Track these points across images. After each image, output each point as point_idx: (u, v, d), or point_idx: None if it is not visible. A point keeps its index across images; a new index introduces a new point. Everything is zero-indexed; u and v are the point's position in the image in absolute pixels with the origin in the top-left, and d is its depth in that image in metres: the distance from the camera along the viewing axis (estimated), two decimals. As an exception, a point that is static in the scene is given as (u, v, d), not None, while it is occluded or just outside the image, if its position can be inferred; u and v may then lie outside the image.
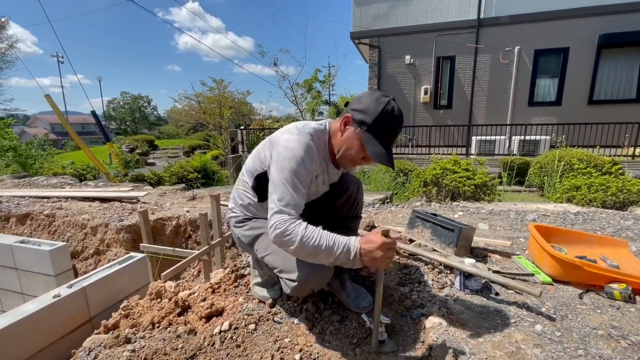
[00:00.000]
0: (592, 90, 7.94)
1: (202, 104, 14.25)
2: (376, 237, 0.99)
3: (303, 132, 1.16)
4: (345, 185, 1.45)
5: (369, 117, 1.09)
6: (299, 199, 1.09)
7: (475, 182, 3.44)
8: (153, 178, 5.66)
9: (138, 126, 51.07)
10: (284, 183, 1.08)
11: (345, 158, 1.20)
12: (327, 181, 1.33)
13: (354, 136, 1.13)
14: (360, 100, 1.13)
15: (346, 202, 1.46)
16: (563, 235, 1.86)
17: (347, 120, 1.14)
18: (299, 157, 1.09)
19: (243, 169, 1.37)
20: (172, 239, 3.20)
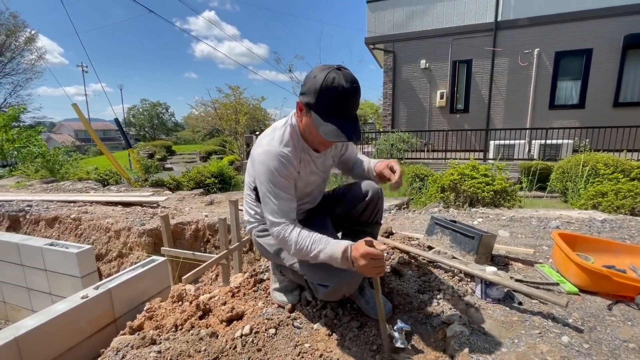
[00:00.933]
0: (618, 92, 7.64)
1: (218, 110, 14.56)
2: (360, 245, 1.02)
3: (272, 140, 1.18)
4: (365, 192, 1.44)
5: (312, 98, 1.06)
6: (285, 205, 1.17)
7: (495, 188, 3.37)
8: (172, 183, 5.81)
9: (156, 132, 52.58)
10: (267, 196, 1.17)
11: (313, 142, 1.21)
12: (316, 170, 1.33)
13: (308, 120, 1.12)
14: (304, 82, 1.11)
15: (366, 208, 1.45)
16: (589, 243, 1.80)
17: (299, 107, 1.15)
18: (272, 168, 1.14)
19: (245, 186, 1.41)
20: (191, 243, 3.27)
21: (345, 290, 1.24)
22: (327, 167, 1.43)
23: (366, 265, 0.99)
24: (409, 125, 9.22)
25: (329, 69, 1.06)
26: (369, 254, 0.99)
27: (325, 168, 1.42)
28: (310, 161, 1.29)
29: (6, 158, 7.77)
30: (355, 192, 1.45)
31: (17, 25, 20.43)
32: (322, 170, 1.40)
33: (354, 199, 1.45)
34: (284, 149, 1.17)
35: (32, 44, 21.45)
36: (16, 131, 8.06)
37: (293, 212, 1.19)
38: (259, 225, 1.40)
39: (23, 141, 7.87)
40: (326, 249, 1.07)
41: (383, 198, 1.51)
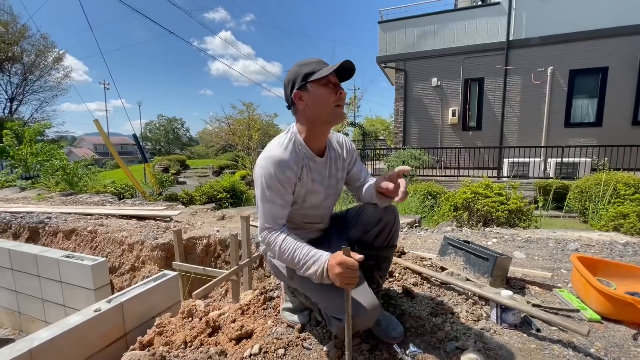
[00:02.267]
0: (637, 110, 7.48)
1: (232, 126, 14.91)
2: (337, 254, 1.03)
3: (274, 147, 1.22)
4: (379, 215, 1.34)
5: (300, 77, 1.18)
6: (277, 211, 1.20)
7: (510, 208, 3.30)
8: (185, 197, 5.92)
9: (171, 146, 54.05)
10: (261, 200, 1.20)
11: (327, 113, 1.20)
12: (319, 178, 1.30)
13: (311, 94, 1.18)
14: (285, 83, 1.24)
15: (381, 232, 1.35)
16: (611, 268, 1.73)
17: (298, 96, 1.19)
18: (270, 172, 1.16)
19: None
20: (202, 258, 3.29)
21: (360, 326, 1.17)
22: (335, 179, 1.38)
23: (340, 274, 1.00)
24: (420, 142, 9.20)
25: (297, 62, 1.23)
26: (344, 263, 0.99)
27: (333, 181, 1.37)
28: (313, 168, 1.28)
29: (29, 171, 8.09)
30: (368, 215, 1.36)
31: (47, 46, 21.71)
32: (329, 181, 1.35)
33: (366, 223, 1.36)
34: (283, 154, 1.19)
35: (60, 63, 22.69)
36: (40, 145, 8.43)
37: (283, 219, 1.23)
38: None
39: (46, 155, 8.21)
40: (306, 257, 1.10)
41: (399, 220, 1.42)
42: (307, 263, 1.10)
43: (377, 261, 1.37)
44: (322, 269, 1.06)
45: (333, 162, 1.35)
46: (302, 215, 1.34)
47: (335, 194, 1.42)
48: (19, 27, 20.09)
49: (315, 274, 1.08)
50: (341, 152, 1.39)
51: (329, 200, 1.40)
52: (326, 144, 1.33)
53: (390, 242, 1.40)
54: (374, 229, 1.34)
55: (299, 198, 1.26)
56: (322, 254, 1.09)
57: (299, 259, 1.11)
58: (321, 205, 1.37)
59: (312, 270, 1.08)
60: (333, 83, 1.19)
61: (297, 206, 1.29)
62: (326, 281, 1.07)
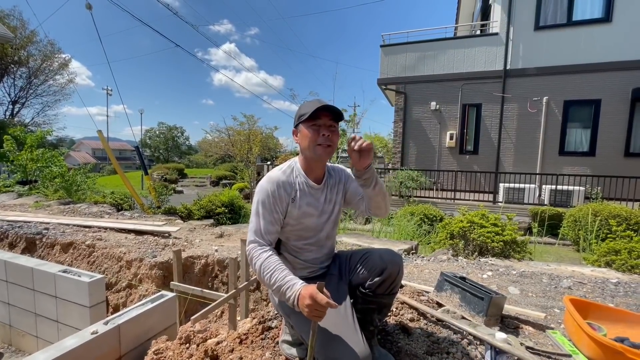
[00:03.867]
0: (629, 142, 7.69)
1: (232, 137, 15.02)
2: (311, 287, 1.06)
3: (274, 170, 1.38)
4: (382, 266, 1.34)
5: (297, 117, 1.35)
6: (267, 226, 1.28)
7: (505, 239, 3.36)
8: (184, 212, 5.93)
9: (170, 154, 54.03)
10: (254, 215, 1.29)
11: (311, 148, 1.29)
12: (314, 202, 1.37)
13: (303, 131, 1.31)
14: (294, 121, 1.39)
15: (383, 282, 1.36)
16: (602, 311, 1.78)
17: (294, 132, 1.38)
18: (264, 189, 1.30)
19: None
20: (199, 278, 3.30)
21: None
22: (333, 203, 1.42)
23: (309, 306, 1.03)
24: (418, 164, 9.33)
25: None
26: (314, 297, 1.02)
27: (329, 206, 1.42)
28: (309, 193, 1.37)
29: (27, 176, 8.07)
30: (373, 264, 1.37)
31: (54, 52, 21.99)
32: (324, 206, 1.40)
33: (370, 271, 1.37)
34: (280, 176, 1.33)
35: (65, 68, 22.92)
36: (41, 151, 8.44)
37: (270, 236, 1.29)
38: None
39: (46, 161, 8.22)
40: (282, 280, 1.13)
41: (402, 271, 1.41)
42: (282, 287, 1.13)
43: (379, 306, 1.41)
44: (294, 296, 1.09)
45: (330, 188, 1.44)
46: (297, 236, 1.41)
47: (331, 217, 1.45)
48: (28, 32, 20.40)
49: (288, 300, 1.12)
50: (340, 177, 1.50)
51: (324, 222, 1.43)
52: (324, 173, 1.43)
53: (392, 291, 1.41)
54: (377, 279, 1.35)
55: (291, 219, 1.35)
56: (297, 282, 1.12)
57: (275, 281, 1.15)
58: (316, 227, 1.40)
59: (286, 295, 1.12)
60: (320, 125, 1.28)
61: (291, 227, 1.37)
62: (297, 309, 1.10)
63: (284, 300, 1.16)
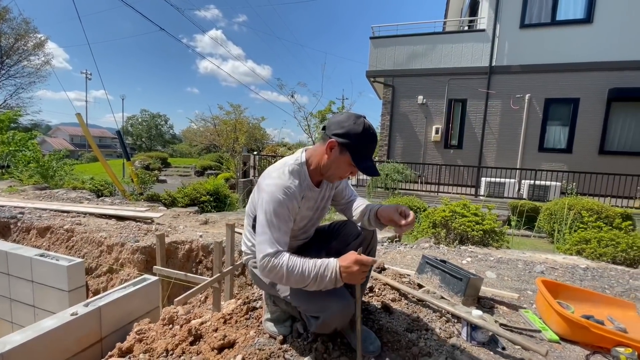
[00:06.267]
0: (603, 140, 8.04)
1: (218, 126, 14.75)
2: (351, 255, 1.14)
3: (282, 174, 1.28)
4: (359, 230, 1.52)
5: (352, 139, 1.23)
6: (281, 236, 1.23)
7: (484, 228, 3.48)
8: (167, 199, 5.82)
9: (153, 143, 52.61)
10: (267, 225, 1.21)
11: (333, 176, 1.35)
12: (313, 205, 1.43)
13: (340, 157, 1.27)
14: (341, 125, 1.25)
15: (359, 245, 1.49)
16: (571, 292, 1.89)
17: (332, 145, 1.26)
18: (279, 199, 1.22)
19: (246, 212, 1.48)
20: (183, 263, 3.27)
21: (336, 323, 1.29)
22: (325, 201, 1.51)
23: (357, 271, 1.11)
24: (404, 157, 9.45)
25: (362, 117, 1.27)
26: (359, 261, 1.11)
27: (322, 203, 1.50)
28: (310, 198, 1.39)
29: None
30: (349, 230, 1.54)
31: (28, 31, 20.84)
32: (319, 206, 1.48)
33: (347, 236, 1.53)
34: (292, 184, 1.27)
35: (40, 49, 21.80)
36: (12, 133, 8.06)
37: (286, 245, 1.25)
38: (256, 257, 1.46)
39: (17, 144, 7.85)
40: (316, 268, 1.15)
41: (376, 237, 1.60)
42: (318, 273, 1.14)
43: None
44: (334, 272, 1.13)
45: (325, 188, 1.47)
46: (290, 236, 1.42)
47: (323, 212, 1.53)
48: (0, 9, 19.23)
49: (329, 280, 1.14)
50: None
51: (316, 218, 1.52)
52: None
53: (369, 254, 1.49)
54: (353, 243, 1.49)
55: (294, 224, 1.34)
56: (330, 260, 1.16)
57: (309, 272, 1.14)
58: (307, 225, 1.48)
59: (325, 277, 1.14)
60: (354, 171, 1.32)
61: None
62: (339, 284, 1.15)
63: (322, 285, 1.15)
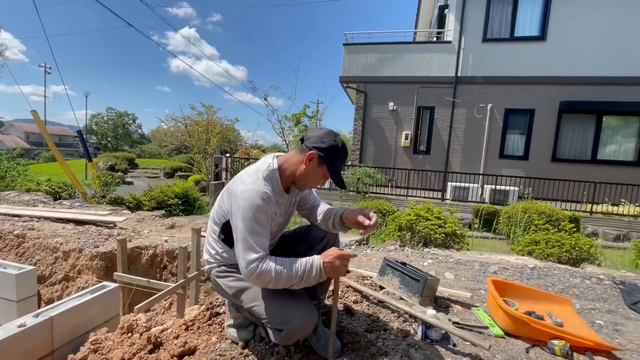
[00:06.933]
0: (555, 149, 8.71)
1: (190, 127, 14.33)
2: (333, 250, 1.27)
3: (257, 180, 1.31)
4: (323, 234, 1.59)
5: (331, 154, 1.35)
6: (263, 241, 1.27)
7: (446, 231, 3.66)
8: (132, 202, 5.58)
9: (120, 142, 50.02)
10: (248, 231, 1.24)
11: (307, 185, 1.44)
12: (283, 211, 1.48)
13: (317, 169, 1.36)
14: (322, 140, 1.35)
15: (323, 249, 1.52)
16: (517, 290, 2.05)
17: (312, 157, 1.34)
18: (257, 205, 1.25)
19: (210, 219, 1.47)
20: (146, 269, 3.17)
21: (300, 335, 1.30)
22: (292, 207, 1.55)
23: (340, 265, 1.25)
24: (375, 161, 9.69)
25: (338, 136, 1.39)
26: (340, 255, 1.25)
27: (290, 209, 1.55)
28: (282, 204, 1.43)
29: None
30: (315, 234, 1.60)
31: (-23, 19, 19.16)
32: (288, 211, 1.53)
33: (313, 240, 1.59)
34: (267, 190, 1.30)
35: (-9, 39, 20.13)
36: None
37: (267, 248, 1.29)
38: (220, 266, 1.46)
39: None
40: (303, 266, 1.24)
41: (339, 240, 1.67)
42: (305, 271, 1.23)
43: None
44: (319, 268, 1.24)
45: (294, 193, 1.52)
46: None
47: (290, 219, 1.60)
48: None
49: (314, 276, 1.24)
50: None
51: (284, 223, 1.57)
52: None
53: None
54: (317, 246, 1.55)
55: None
56: (313, 257, 1.26)
57: (296, 272, 1.23)
58: (277, 231, 1.53)
59: (312, 274, 1.23)
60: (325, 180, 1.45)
61: None
62: (323, 278, 1.26)
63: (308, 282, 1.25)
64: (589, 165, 8.49)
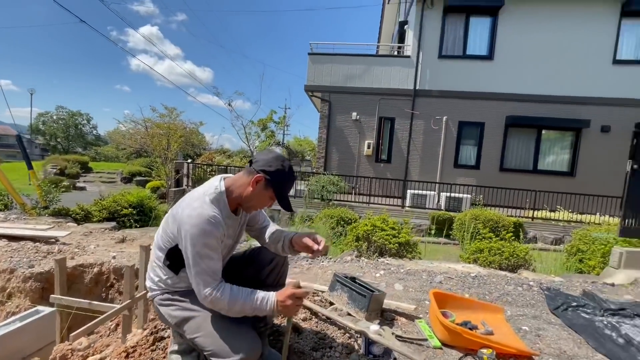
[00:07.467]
0: (502, 159, 9.47)
1: (150, 129, 13.67)
2: (288, 290, 1.27)
3: (204, 203, 1.30)
4: (271, 257, 1.61)
5: (278, 178, 1.36)
6: (215, 265, 1.27)
7: (400, 241, 3.84)
8: (79, 213, 5.20)
9: (71, 144, 46.26)
10: (200, 257, 1.23)
11: (253, 207, 1.45)
12: (232, 233, 1.48)
13: (264, 192, 1.37)
14: (270, 164, 1.36)
15: (271, 272, 1.61)
16: (456, 301, 2.20)
17: (258, 179, 1.35)
18: (206, 230, 1.24)
19: (154, 245, 1.44)
20: (90, 288, 2.98)
21: None
22: (241, 228, 1.56)
23: (292, 305, 1.25)
24: (340, 169, 9.89)
25: (286, 160, 1.41)
26: (295, 295, 1.26)
27: (240, 231, 1.55)
28: (231, 226, 1.43)
29: None
30: (264, 257, 1.62)
31: None
32: (237, 233, 1.53)
33: (261, 263, 1.61)
34: (215, 213, 1.28)
35: None
36: None
37: (220, 272, 1.29)
38: (164, 293, 1.42)
39: None
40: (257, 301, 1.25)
41: (287, 263, 1.71)
42: (258, 306, 1.25)
43: None
44: (272, 305, 1.25)
45: (242, 215, 1.52)
46: None
47: (240, 238, 1.60)
48: None
49: (267, 312, 1.26)
50: None
51: (234, 244, 1.56)
52: None
53: (279, 281, 1.65)
54: (265, 269, 1.59)
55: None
56: (269, 294, 1.27)
57: (250, 305, 1.24)
58: (227, 255, 1.52)
59: (264, 310, 1.25)
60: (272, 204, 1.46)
61: None
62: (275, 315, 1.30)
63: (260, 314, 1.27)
64: (531, 175, 9.32)
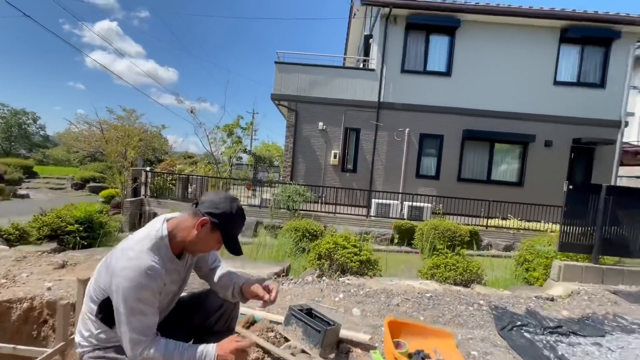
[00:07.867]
0: (460, 170, 10.00)
1: (106, 132, 12.75)
2: (230, 343, 1.20)
3: (141, 253, 1.19)
4: (221, 302, 1.55)
5: (225, 221, 1.29)
6: (150, 321, 1.19)
7: (361, 259, 3.87)
8: (13, 233, 4.67)
9: (13, 145, 41.98)
10: (131, 314, 1.14)
11: (199, 251, 1.38)
12: (177, 278, 1.39)
13: (210, 235, 1.29)
14: (216, 206, 1.28)
15: (220, 317, 1.56)
16: (410, 328, 2.23)
17: (204, 222, 1.27)
18: (141, 283, 1.14)
19: (86, 296, 1.33)
20: (18, 327, 2.66)
21: None
22: (187, 271, 1.47)
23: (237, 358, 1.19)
24: (306, 179, 9.87)
25: (235, 201, 1.34)
26: (238, 349, 1.19)
27: (186, 275, 1.46)
28: (174, 270, 1.33)
29: None
30: (211, 303, 1.55)
31: None
32: (183, 277, 1.44)
33: (209, 310, 1.55)
34: (153, 262, 1.18)
35: None
36: None
37: (155, 326, 1.21)
38: (94, 350, 1.29)
39: None
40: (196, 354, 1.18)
41: (238, 308, 1.64)
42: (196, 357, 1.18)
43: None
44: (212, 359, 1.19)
45: (188, 257, 1.42)
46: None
47: (186, 283, 1.50)
48: None
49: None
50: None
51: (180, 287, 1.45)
52: None
53: (229, 326, 1.61)
54: (215, 314, 1.54)
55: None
56: (208, 348, 1.20)
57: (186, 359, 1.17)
58: (172, 300, 1.43)
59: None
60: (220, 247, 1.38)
61: None
62: None
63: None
64: (485, 185, 9.93)
